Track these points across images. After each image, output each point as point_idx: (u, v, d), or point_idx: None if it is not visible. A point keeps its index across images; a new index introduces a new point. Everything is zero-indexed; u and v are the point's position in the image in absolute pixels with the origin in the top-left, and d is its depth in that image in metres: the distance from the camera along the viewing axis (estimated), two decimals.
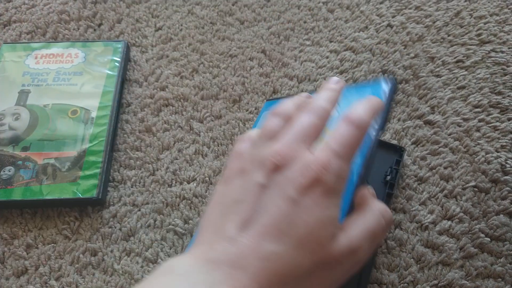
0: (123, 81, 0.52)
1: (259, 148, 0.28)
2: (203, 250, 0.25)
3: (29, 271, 0.41)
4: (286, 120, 0.28)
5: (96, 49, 0.53)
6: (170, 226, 0.42)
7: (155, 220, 0.43)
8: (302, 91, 0.52)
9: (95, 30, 0.57)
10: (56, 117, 0.47)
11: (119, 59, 0.52)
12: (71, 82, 0.50)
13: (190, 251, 0.25)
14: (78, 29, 0.57)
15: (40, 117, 0.48)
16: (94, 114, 0.48)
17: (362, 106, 0.28)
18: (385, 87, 0.32)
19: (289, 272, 0.23)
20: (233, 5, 0.60)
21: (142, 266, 0.41)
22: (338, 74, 0.53)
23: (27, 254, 0.42)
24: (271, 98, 0.51)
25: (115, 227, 0.43)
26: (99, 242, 0.42)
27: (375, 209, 0.28)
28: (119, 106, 0.50)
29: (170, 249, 0.41)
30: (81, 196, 0.43)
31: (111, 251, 0.41)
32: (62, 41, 0.55)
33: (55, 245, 0.42)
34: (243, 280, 0.22)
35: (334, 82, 0.31)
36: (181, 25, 0.58)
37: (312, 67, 0.54)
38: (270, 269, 0.23)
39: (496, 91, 0.50)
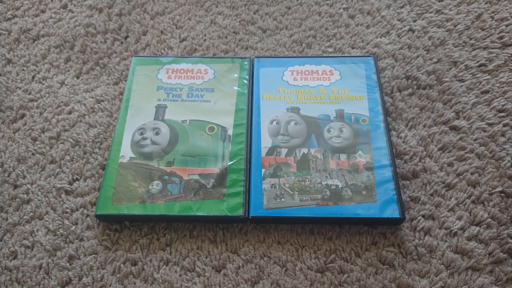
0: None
1: None
2: None
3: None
4: None
5: (223, 66, 0.54)
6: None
7: None
8: None
9: (122, 43, 0.59)
10: (194, 133, 0.48)
11: (247, 76, 0.53)
12: (204, 98, 0.51)
13: None
14: (105, 42, 0.59)
15: (180, 133, 0.48)
16: (230, 132, 0.48)
17: None
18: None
19: None
20: (254, 13, 0.61)
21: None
22: None
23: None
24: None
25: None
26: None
27: None
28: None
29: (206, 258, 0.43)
30: (229, 214, 0.43)
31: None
32: (190, 57, 0.55)
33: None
34: None
35: None
36: (205, 35, 0.59)
37: None
38: None
39: None
